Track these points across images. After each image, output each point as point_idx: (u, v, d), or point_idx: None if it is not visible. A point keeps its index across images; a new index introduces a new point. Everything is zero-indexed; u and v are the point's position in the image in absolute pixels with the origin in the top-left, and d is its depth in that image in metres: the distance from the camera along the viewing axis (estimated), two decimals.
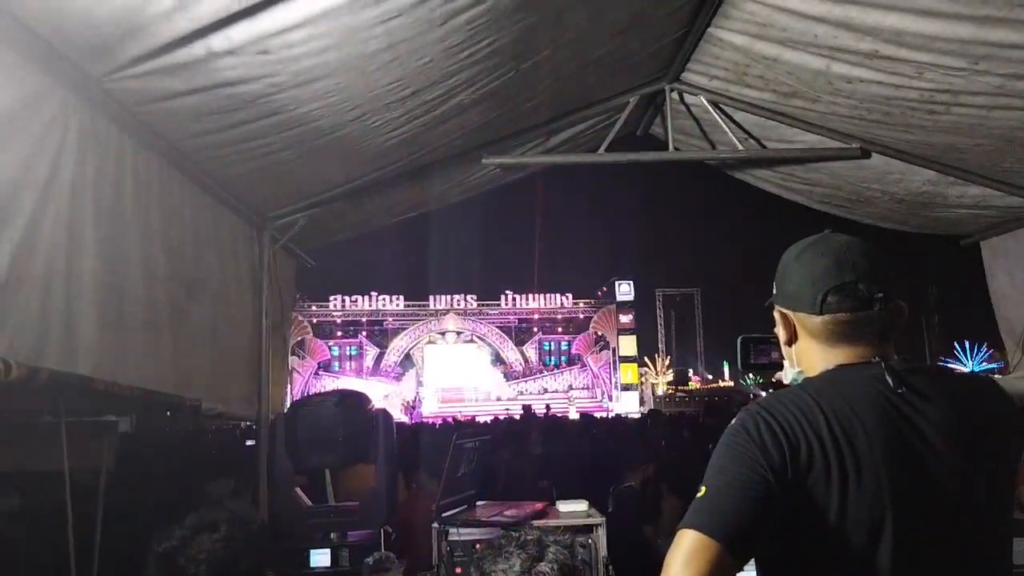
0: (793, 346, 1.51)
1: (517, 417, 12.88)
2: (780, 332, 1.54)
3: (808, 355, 1.48)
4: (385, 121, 3.29)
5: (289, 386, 5.12)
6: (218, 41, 2.35)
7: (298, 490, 3.25)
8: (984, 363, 34.71)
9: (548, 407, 23.00)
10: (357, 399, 3.20)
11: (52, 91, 2.31)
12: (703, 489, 1.28)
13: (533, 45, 3.15)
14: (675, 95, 4.33)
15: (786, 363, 1.57)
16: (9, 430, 3.40)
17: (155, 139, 2.92)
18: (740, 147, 4.31)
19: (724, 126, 4.21)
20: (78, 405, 2.97)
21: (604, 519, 3.08)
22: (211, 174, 3.39)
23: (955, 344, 37.08)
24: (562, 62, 3.48)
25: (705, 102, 4.19)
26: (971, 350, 36.81)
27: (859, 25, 2.89)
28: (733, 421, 1.36)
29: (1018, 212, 4.30)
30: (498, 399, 35.05)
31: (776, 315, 1.56)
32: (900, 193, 4.43)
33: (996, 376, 5.00)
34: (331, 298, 36.35)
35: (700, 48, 3.75)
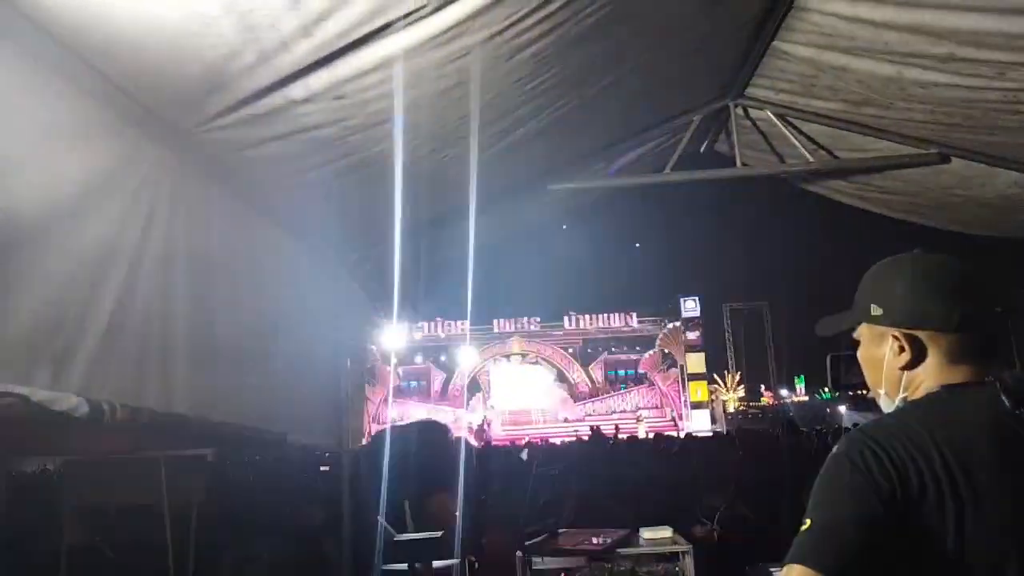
0: (913, 370, 1.40)
1: (586, 439, 12.75)
2: (891, 357, 1.42)
3: (924, 377, 1.39)
4: (455, 155, 3.36)
5: (366, 414, 5.22)
6: (297, 90, 2.44)
7: (382, 519, 3.29)
8: None
9: (617, 428, 22.72)
10: (437, 429, 3.24)
11: (147, 147, 2.45)
12: (808, 522, 1.23)
13: (596, 73, 3.18)
14: (739, 111, 4.28)
15: (882, 392, 1.47)
16: (111, 467, 3.58)
17: (239, 185, 3.05)
18: (810, 159, 4.22)
19: (792, 139, 4.14)
20: (176, 444, 3.12)
21: (690, 545, 3.03)
22: (291, 215, 3.51)
23: None
24: (626, 87, 3.49)
25: (772, 115, 4.13)
26: None
27: (933, 28, 2.81)
28: (835, 449, 1.32)
29: None
30: (565, 420, 34.80)
31: (878, 338, 1.46)
32: (985, 197, 4.25)
33: None
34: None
35: (765, 62, 3.71)
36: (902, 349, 1.40)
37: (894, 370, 1.43)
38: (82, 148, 2.18)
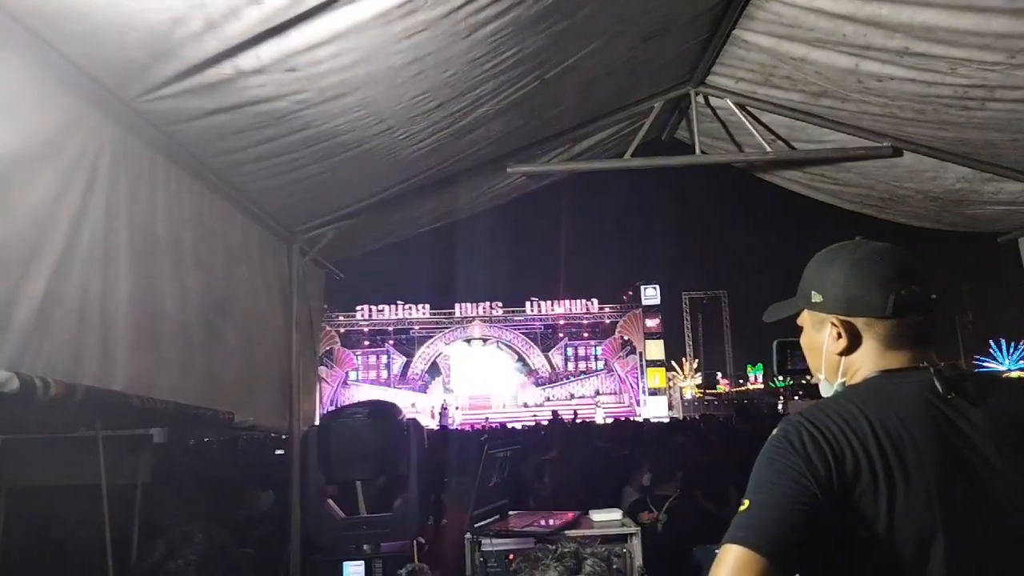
0: (851, 355, 1.44)
1: (545, 424, 12.87)
2: (829, 343, 1.46)
3: (862, 362, 1.43)
4: (411, 133, 3.30)
5: (318, 396, 5.15)
6: (247, 60, 2.37)
7: (331, 502, 3.25)
8: (1021, 361, 33.95)
9: (575, 413, 22.96)
10: (388, 410, 3.20)
11: (86, 115, 2.36)
12: (746, 503, 1.25)
13: (557, 54, 3.14)
14: (700, 98, 4.29)
15: (822, 377, 1.51)
16: (49, 445, 3.47)
17: (186, 157, 2.96)
18: (768, 149, 4.25)
19: (751, 128, 4.17)
20: (115, 421, 3.03)
21: (638, 528, 3.06)
22: (241, 190, 3.43)
23: (990, 342, 36.29)
24: (586, 70, 3.47)
25: (731, 104, 4.14)
26: (1007, 348, 35.99)
27: (889, 22, 2.84)
28: (775, 431, 1.33)
29: None
30: (525, 405, 35.00)
31: (819, 324, 1.50)
32: (934, 191, 4.34)
33: None
34: (358, 308, 36.63)
35: (725, 51, 3.71)
36: (839, 335, 1.44)
37: (832, 356, 1.47)
38: (16, 113, 2.09)
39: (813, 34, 3.15)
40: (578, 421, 16.21)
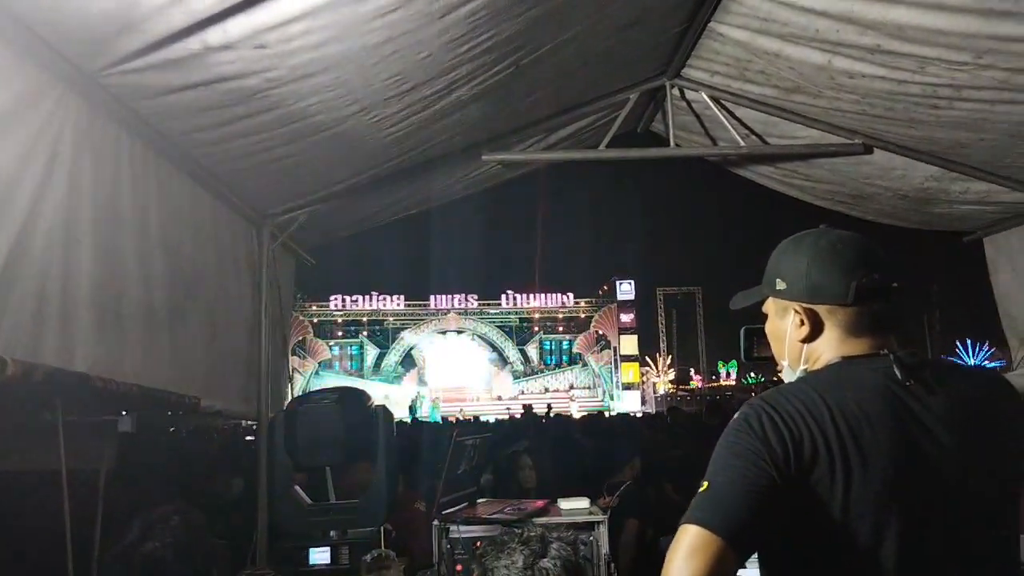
0: (813, 342, 1.45)
1: (519, 417, 12.91)
2: (792, 330, 1.47)
3: (824, 349, 1.44)
4: (384, 116, 3.27)
5: (290, 386, 5.10)
6: (215, 35, 2.33)
7: (298, 488, 3.22)
8: (987, 361, 34.63)
9: (549, 407, 23.03)
10: (356, 396, 3.17)
11: (49, 87, 2.30)
12: (705, 484, 1.26)
13: (533, 40, 3.13)
14: (676, 91, 4.31)
15: (785, 363, 1.53)
16: (6, 429, 3.39)
17: (153, 135, 2.90)
18: (742, 143, 4.28)
19: (725, 122, 4.19)
20: (76, 404, 2.96)
21: (606, 516, 3.07)
22: (210, 170, 3.37)
23: (956, 342, 37.00)
24: (562, 58, 3.46)
25: (706, 98, 4.17)
26: (973, 348, 36.74)
27: (862, 19, 2.87)
28: (736, 415, 1.34)
29: (1022, 208, 4.27)
30: (499, 398, 35.03)
31: (782, 311, 1.51)
32: (903, 189, 4.40)
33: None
34: (331, 298, 36.32)
35: (701, 44, 3.73)
36: (802, 322, 1.46)
37: (795, 343, 1.48)
38: None
39: (787, 29, 3.17)
40: (551, 415, 16.26)
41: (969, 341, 36.65)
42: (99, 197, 2.59)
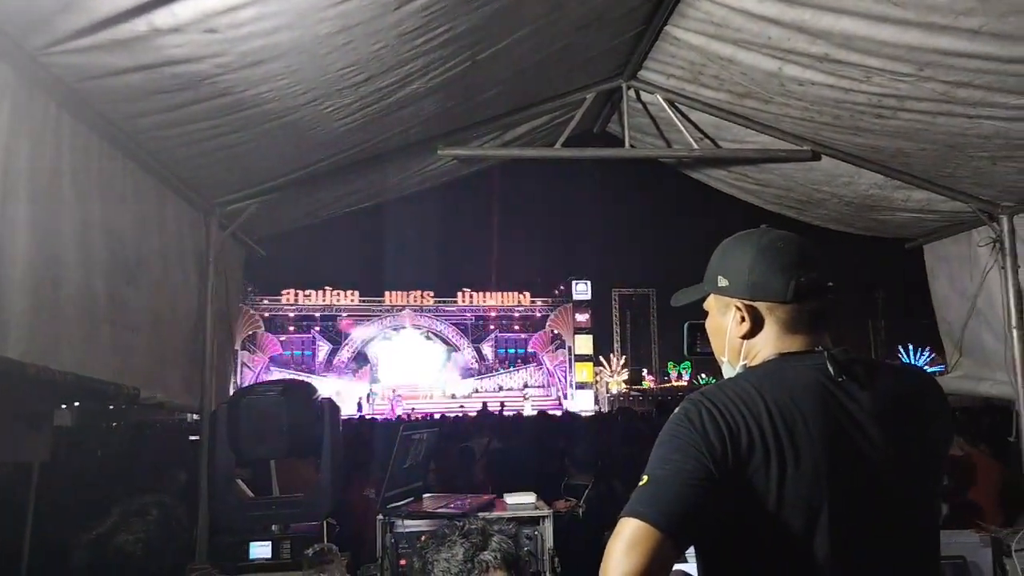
0: (752, 338, 1.50)
1: (473, 415, 12.90)
2: (733, 326, 1.52)
3: (763, 345, 1.48)
4: (338, 107, 3.23)
5: (237, 380, 5.00)
6: (162, 17, 2.27)
7: (240, 482, 3.17)
8: (927, 366, 35.84)
9: (503, 405, 23.07)
10: (302, 389, 3.13)
11: None
12: (645, 478, 1.28)
13: (490, 35, 3.12)
14: (632, 93, 4.35)
15: (725, 360, 1.56)
16: None
17: (96, 118, 2.81)
18: (695, 146, 4.35)
19: (680, 125, 4.25)
20: (8, 393, 2.85)
21: (551, 511, 3.09)
22: (156, 156, 3.28)
23: (899, 347, 38.20)
24: (520, 55, 3.46)
25: (661, 100, 4.22)
26: (914, 353, 37.97)
27: (811, 28, 2.93)
28: (676, 410, 1.37)
29: (960, 217, 4.43)
30: (453, 396, 34.96)
31: (723, 308, 1.55)
32: (848, 195, 4.53)
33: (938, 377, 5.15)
34: (283, 292, 35.78)
35: (657, 47, 3.77)
36: (743, 319, 1.50)
37: (735, 339, 1.52)
38: None
39: (740, 35, 3.23)
40: (506, 413, 16.31)
41: (911, 346, 37.89)
42: (36, 179, 2.50)
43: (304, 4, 2.38)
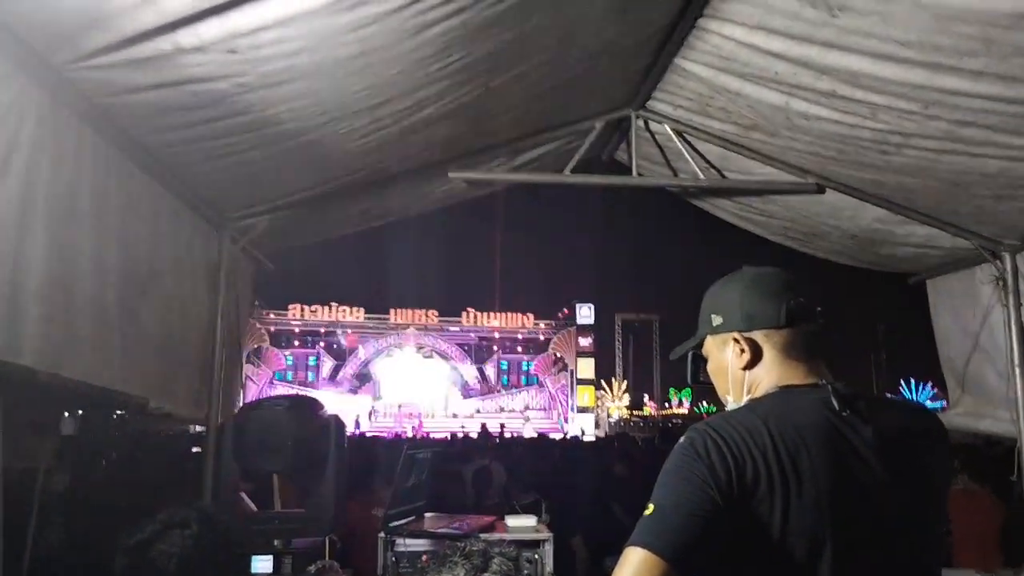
0: (754, 368, 1.52)
1: (474, 436, 12.87)
2: (733, 359, 1.55)
3: (765, 375, 1.51)
4: (353, 128, 3.30)
5: (243, 394, 5.03)
6: (186, 37, 2.34)
7: (244, 495, 3.19)
8: (929, 401, 35.56)
9: (502, 427, 22.96)
10: (309, 404, 3.16)
11: (11, 76, 2.27)
12: (651, 507, 1.29)
13: (504, 63, 3.19)
14: (640, 122, 4.41)
15: (730, 399, 1.58)
16: None
17: (116, 132, 2.88)
18: (701, 176, 4.40)
19: (687, 155, 4.31)
20: (20, 398, 2.89)
21: (551, 535, 3.10)
22: (173, 171, 3.35)
23: (901, 381, 37.94)
24: (531, 82, 3.53)
25: (669, 130, 4.28)
26: (917, 388, 37.71)
27: (818, 64, 2.99)
28: (681, 440, 1.38)
29: (963, 254, 4.45)
30: (454, 416, 34.82)
31: (721, 345, 1.58)
32: (852, 229, 4.57)
33: (938, 415, 5.14)
34: (290, 307, 35.82)
35: (666, 78, 3.84)
36: (743, 350, 1.53)
37: (737, 371, 1.55)
38: None
39: (748, 69, 3.29)
40: (507, 435, 16.24)
41: (913, 381, 37.63)
42: (56, 190, 2.56)
43: (325, 28, 2.45)
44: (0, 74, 2.22)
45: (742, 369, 1.54)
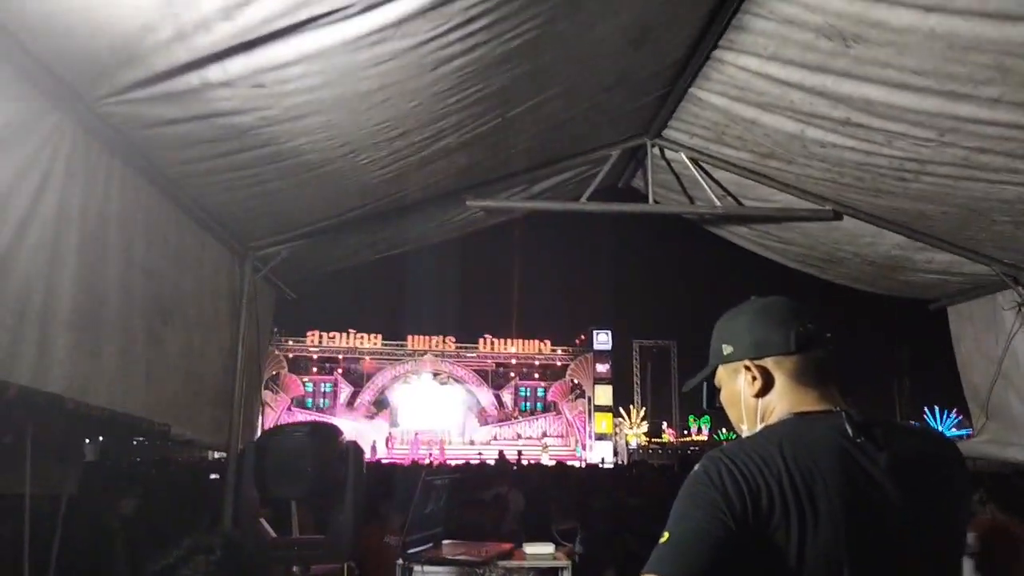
0: (766, 395, 1.53)
1: (492, 463, 12.82)
2: (746, 387, 1.55)
3: (777, 401, 1.51)
4: (373, 159, 3.36)
5: (262, 420, 5.07)
6: (214, 72, 2.41)
7: (263, 521, 3.20)
8: (953, 428, 34.88)
9: (520, 454, 22.83)
10: (328, 430, 3.17)
11: (47, 112, 2.36)
12: (666, 535, 1.29)
13: (520, 94, 3.25)
14: (656, 150, 4.45)
15: (745, 428, 1.58)
16: None
17: (145, 164, 2.96)
18: (718, 203, 4.41)
19: (703, 183, 4.33)
20: (46, 426, 2.94)
21: (570, 563, 3.09)
22: (198, 201, 3.43)
23: (925, 408, 37.29)
24: (548, 112, 3.59)
25: (685, 159, 4.31)
26: (941, 415, 37.03)
27: (833, 93, 3.02)
28: (696, 467, 1.39)
29: (983, 279, 4.42)
30: (471, 442, 34.67)
31: (733, 374, 1.59)
32: (871, 256, 4.55)
33: (962, 443, 5.06)
34: (308, 333, 36.03)
35: (682, 107, 3.88)
36: (755, 378, 1.54)
37: (750, 399, 1.56)
38: None
39: (763, 98, 3.32)
40: (524, 463, 16.16)
41: (936, 408, 36.95)
42: (87, 220, 2.64)
43: (347, 63, 2.52)
44: (37, 110, 2.31)
45: (754, 397, 1.54)
